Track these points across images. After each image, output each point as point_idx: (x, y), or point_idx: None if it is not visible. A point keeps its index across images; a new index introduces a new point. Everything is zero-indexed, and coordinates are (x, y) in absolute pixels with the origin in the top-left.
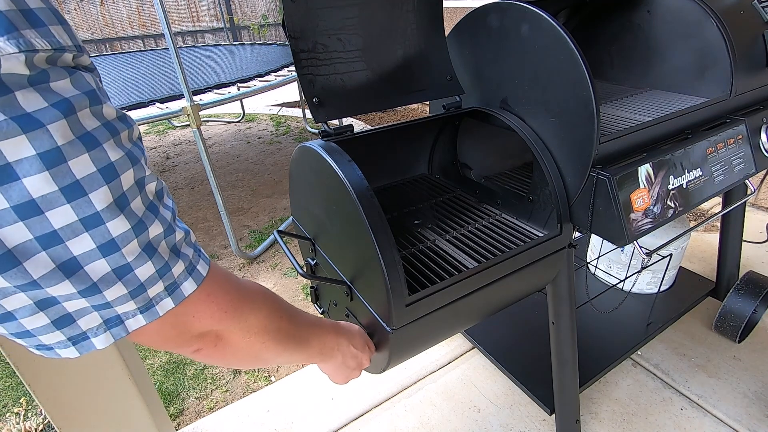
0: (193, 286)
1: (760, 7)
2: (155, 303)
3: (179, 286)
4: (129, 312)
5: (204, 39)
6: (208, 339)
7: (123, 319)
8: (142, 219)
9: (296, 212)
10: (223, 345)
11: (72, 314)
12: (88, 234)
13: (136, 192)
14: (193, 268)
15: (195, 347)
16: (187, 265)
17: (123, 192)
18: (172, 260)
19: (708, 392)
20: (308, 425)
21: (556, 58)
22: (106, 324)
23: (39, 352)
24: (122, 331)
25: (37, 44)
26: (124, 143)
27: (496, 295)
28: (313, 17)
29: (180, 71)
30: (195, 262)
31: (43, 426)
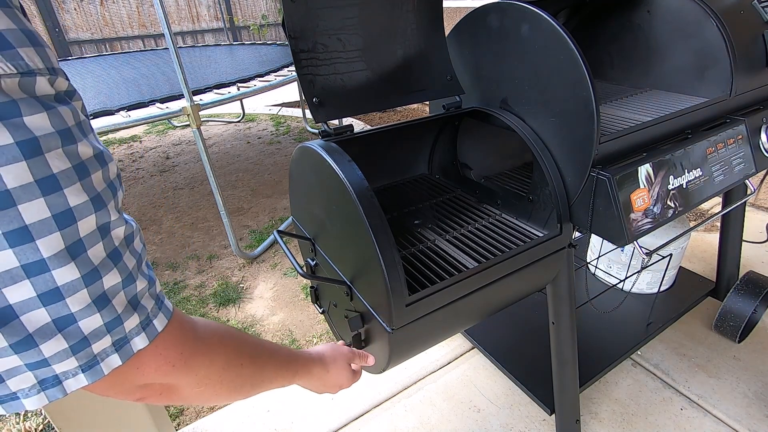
0: (145, 342)
1: (760, 7)
2: (100, 360)
3: (129, 342)
4: (69, 371)
5: (204, 39)
6: (153, 389)
7: (61, 379)
8: (98, 267)
9: (296, 212)
10: (169, 394)
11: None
12: (29, 281)
13: (97, 238)
14: (149, 322)
15: (137, 396)
16: (142, 319)
17: (79, 238)
18: (126, 313)
19: (708, 392)
20: (308, 425)
21: (556, 58)
22: (41, 384)
23: None
24: (59, 392)
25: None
26: (95, 185)
27: (496, 295)
28: (313, 17)
29: (180, 71)
30: (153, 316)
31: (43, 426)
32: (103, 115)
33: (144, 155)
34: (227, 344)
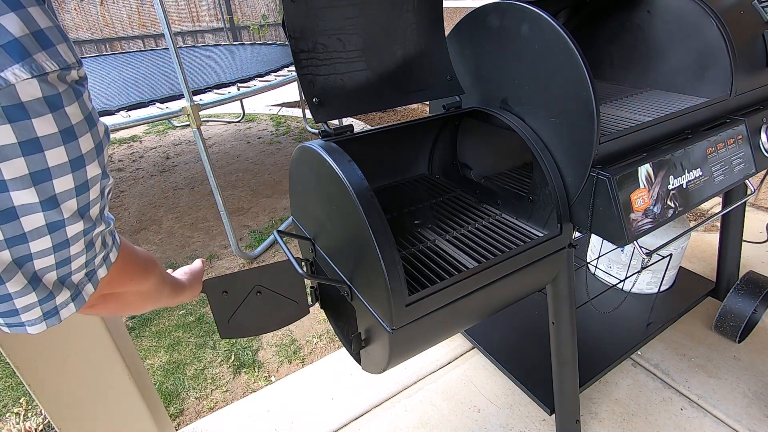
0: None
1: (760, 7)
2: (81, 289)
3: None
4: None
5: (204, 39)
6: (104, 298)
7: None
8: (94, 221)
9: (296, 212)
10: (114, 301)
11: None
12: (50, 236)
13: (98, 199)
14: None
15: (91, 304)
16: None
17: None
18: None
19: (708, 392)
20: (308, 425)
21: (556, 58)
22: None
23: (8, 329)
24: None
25: (47, 66)
26: (105, 160)
27: (496, 295)
28: (313, 17)
29: (180, 71)
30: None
31: (43, 426)
32: (103, 115)
33: (144, 155)
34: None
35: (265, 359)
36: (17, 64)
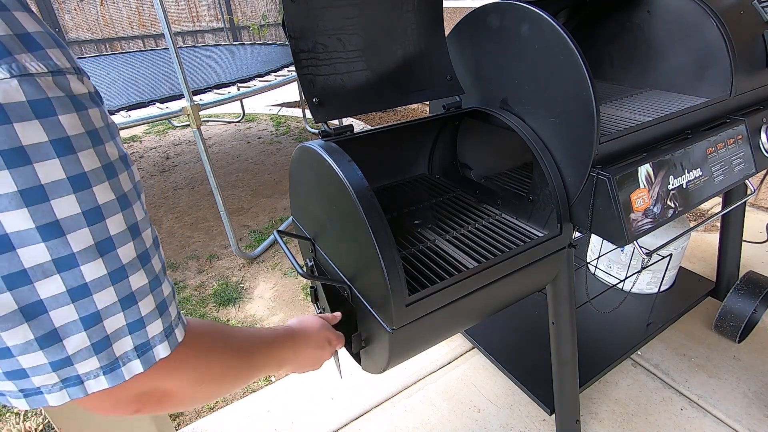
0: (167, 351)
1: (760, 7)
2: (121, 364)
3: (152, 349)
4: (91, 372)
5: (204, 39)
6: (153, 396)
7: (83, 379)
8: (125, 266)
9: (296, 212)
10: (167, 399)
11: (26, 370)
12: (59, 276)
13: (127, 237)
14: (171, 331)
15: (135, 407)
16: (165, 327)
17: (109, 236)
18: (152, 317)
19: (708, 392)
20: (308, 425)
21: (556, 58)
22: (63, 383)
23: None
24: (80, 392)
25: (32, 68)
26: (122, 185)
27: (496, 295)
28: (313, 17)
29: (180, 71)
30: (175, 325)
31: (43, 426)
32: None
33: (144, 155)
34: (218, 341)
35: None
36: None
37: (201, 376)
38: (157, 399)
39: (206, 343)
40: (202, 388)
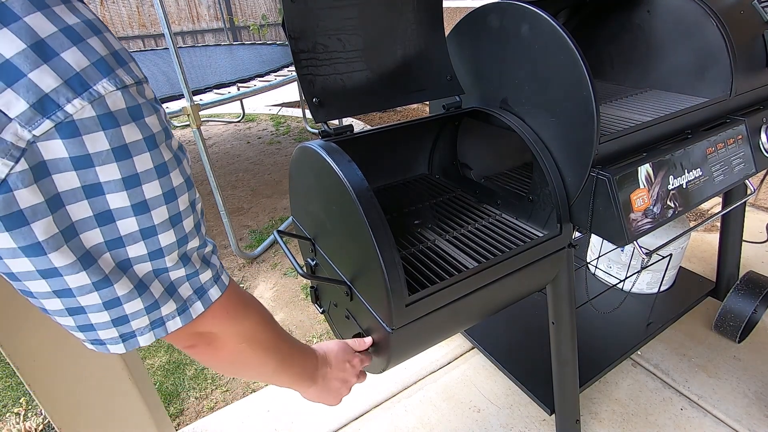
0: (218, 293)
1: (760, 7)
2: (189, 306)
3: (206, 292)
4: (170, 314)
5: (204, 39)
6: (205, 338)
7: (165, 320)
8: (187, 234)
9: (296, 212)
10: (216, 345)
11: (128, 315)
12: (143, 242)
13: (189, 212)
14: (218, 277)
15: (191, 343)
16: (213, 275)
17: (178, 211)
18: (202, 268)
19: (708, 392)
20: (308, 425)
21: (556, 58)
22: (152, 325)
23: (92, 346)
24: (162, 332)
25: (126, 80)
26: (186, 170)
27: (496, 295)
28: (313, 17)
29: (180, 71)
30: (220, 272)
31: (43, 426)
32: None
33: None
34: (260, 307)
35: None
36: (105, 78)
37: (243, 333)
38: (207, 341)
39: (251, 308)
40: (242, 347)
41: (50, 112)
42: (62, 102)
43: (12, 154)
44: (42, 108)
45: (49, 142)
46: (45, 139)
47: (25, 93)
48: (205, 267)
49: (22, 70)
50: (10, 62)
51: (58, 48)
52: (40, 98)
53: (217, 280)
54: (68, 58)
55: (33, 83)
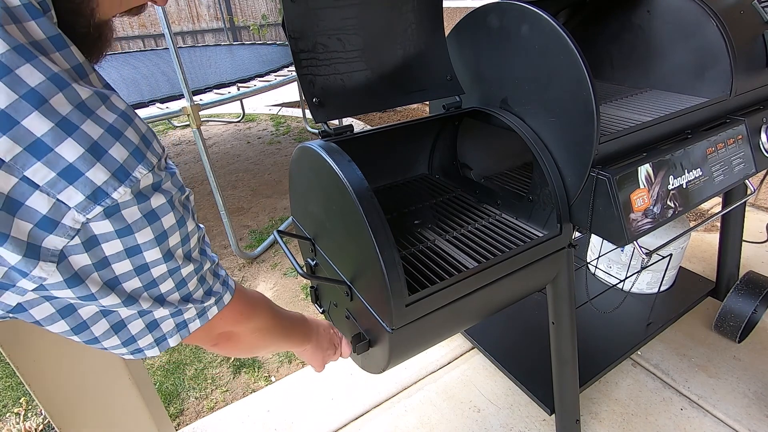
0: (229, 298)
1: (760, 7)
2: (207, 310)
3: (222, 298)
4: (191, 317)
5: (204, 39)
6: (225, 336)
7: (187, 323)
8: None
9: (296, 212)
10: (235, 340)
11: (158, 320)
12: (171, 278)
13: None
14: (226, 284)
15: (215, 342)
16: (222, 284)
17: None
18: (215, 284)
19: (708, 392)
20: (308, 425)
21: (556, 58)
22: (177, 327)
23: (132, 356)
24: (186, 332)
25: (153, 160)
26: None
27: (496, 295)
28: (313, 17)
29: (180, 71)
30: (227, 280)
31: (43, 426)
32: None
33: None
34: (265, 302)
35: (265, 359)
36: (140, 164)
37: (255, 326)
38: (227, 338)
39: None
40: (256, 336)
41: (101, 200)
42: (110, 191)
43: (69, 234)
44: (95, 197)
45: (99, 223)
46: (95, 221)
47: (83, 188)
48: (216, 279)
49: (81, 171)
50: (73, 165)
51: (106, 146)
52: (94, 190)
53: (224, 284)
54: (114, 153)
55: (89, 179)
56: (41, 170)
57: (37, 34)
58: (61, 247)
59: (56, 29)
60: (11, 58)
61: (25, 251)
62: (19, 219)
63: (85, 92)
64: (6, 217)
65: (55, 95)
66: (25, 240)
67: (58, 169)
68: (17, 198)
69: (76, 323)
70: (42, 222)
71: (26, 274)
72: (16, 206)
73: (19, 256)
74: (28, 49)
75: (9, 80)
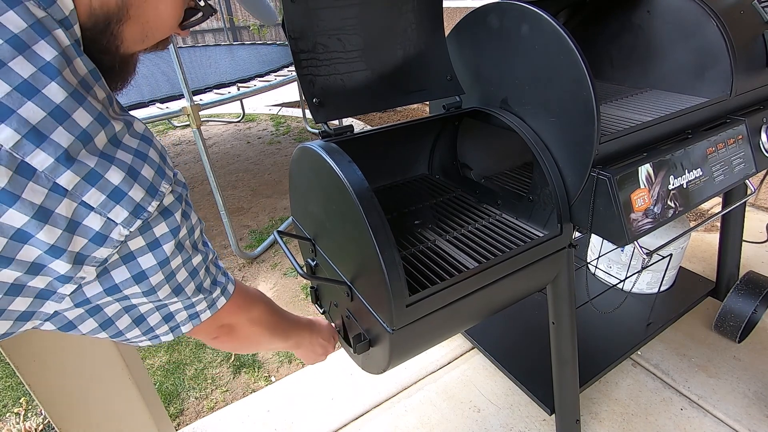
0: (232, 287)
1: (760, 7)
2: (216, 301)
3: (227, 289)
4: (202, 309)
5: (204, 39)
6: (225, 329)
7: (198, 313)
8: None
9: (296, 212)
10: (234, 333)
11: (173, 312)
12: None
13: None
14: (226, 275)
15: (215, 335)
16: (223, 273)
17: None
18: (220, 277)
19: (708, 392)
20: (308, 425)
21: (556, 58)
22: (190, 317)
23: (150, 342)
24: (197, 322)
25: (170, 175)
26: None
27: (496, 295)
28: (313, 17)
29: (180, 71)
30: (226, 272)
31: (43, 426)
32: None
33: None
34: (262, 296)
35: (265, 359)
36: (162, 180)
37: (254, 318)
38: (227, 331)
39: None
40: (254, 330)
41: (140, 214)
42: (146, 206)
43: (115, 245)
44: (136, 213)
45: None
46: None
47: (127, 206)
48: (218, 269)
49: (124, 191)
50: (118, 187)
51: (138, 168)
52: (135, 207)
53: (226, 274)
54: (145, 173)
55: (131, 198)
56: (95, 195)
57: (82, 70)
58: (106, 255)
59: (92, 63)
60: (69, 104)
61: (74, 260)
62: (77, 236)
63: (118, 125)
64: (67, 236)
65: (99, 133)
66: (76, 252)
67: (108, 191)
68: (77, 219)
69: (103, 320)
70: (95, 237)
71: (70, 278)
72: (76, 226)
73: (69, 265)
74: (80, 92)
75: (68, 125)
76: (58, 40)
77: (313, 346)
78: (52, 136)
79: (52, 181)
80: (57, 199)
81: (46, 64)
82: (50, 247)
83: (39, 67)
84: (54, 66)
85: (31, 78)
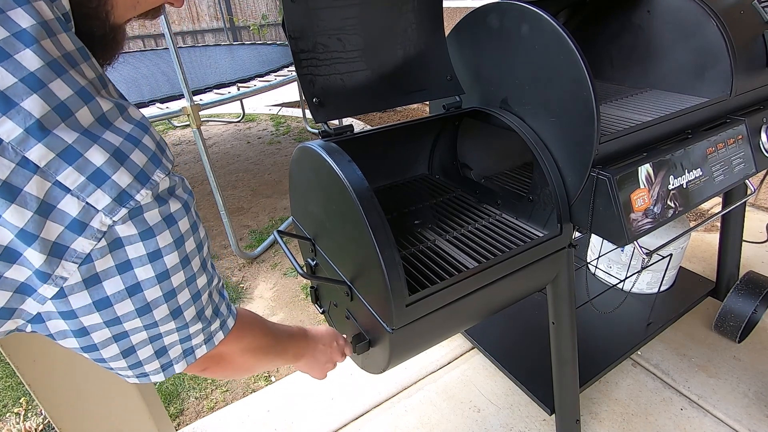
0: (232, 322)
1: (760, 7)
2: (213, 335)
3: (226, 322)
4: (199, 343)
5: (204, 39)
6: (216, 359)
7: (194, 349)
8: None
9: (296, 212)
10: (225, 363)
11: (167, 346)
12: (188, 289)
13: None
14: (229, 308)
15: (204, 366)
16: (226, 305)
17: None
18: (223, 308)
19: (708, 392)
20: (308, 425)
21: (556, 58)
22: (185, 354)
23: (137, 380)
24: (192, 359)
25: (168, 165)
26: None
27: (496, 295)
28: (313, 17)
29: (180, 71)
30: (230, 303)
31: (43, 426)
32: None
33: None
34: (255, 321)
35: None
36: (157, 168)
37: (246, 346)
38: (217, 361)
39: (249, 322)
40: (246, 358)
41: (126, 201)
42: (133, 193)
43: (96, 236)
44: (120, 200)
45: (123, 225)
46: (120, 224)
47: (110, 190)
48: (222, 299)
49: (107, 174)
50: (100, 169)
51: (127, 152)
52: (119, 193)
53: (229, 308)
54: (135, 158)
55: (115, 182)
56: (72, 174)
57: (68, 45)
58: (89, 250)
59: (80, 42)
60: (45, 73)
61: (49, 251)
62: (51, 221)
63: (106, 104)
64: (39, 220)
65: (81, 108)
66: (52, 240)
67: (87, 173)
68: (50, 201)
69: (87, 344)
70: (72, 224)
71: (48, 276)
72: (49, 209)
73: (44, 256)
74: (60, 64)
75: (43, 93)
76: (38, 11)
77: (315, 354)
78: (23, 104)
79: (20, 154)
80: (26, 175)
81: (22, 30)
82: (20, 231)
83: (13, 33)
84: (30, 34)
85: (2, 42)
